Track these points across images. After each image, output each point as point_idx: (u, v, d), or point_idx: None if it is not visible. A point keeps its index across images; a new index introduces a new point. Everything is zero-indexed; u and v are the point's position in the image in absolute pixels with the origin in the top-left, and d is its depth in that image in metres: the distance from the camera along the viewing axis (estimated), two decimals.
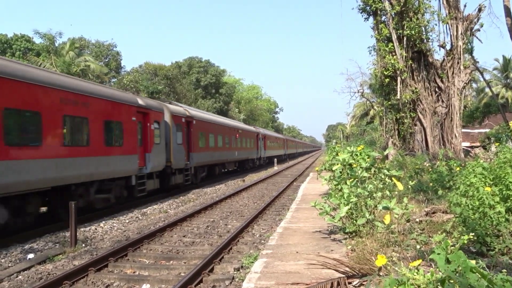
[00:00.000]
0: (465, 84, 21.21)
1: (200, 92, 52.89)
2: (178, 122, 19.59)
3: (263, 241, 9.48)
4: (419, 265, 2.99)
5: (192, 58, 58.08)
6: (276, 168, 41.31)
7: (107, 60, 50.55)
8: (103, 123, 13.29)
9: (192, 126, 21.51)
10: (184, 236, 10.46)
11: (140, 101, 16.05)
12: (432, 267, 4.12)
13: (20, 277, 7.49)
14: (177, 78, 46.15)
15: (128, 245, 8.98)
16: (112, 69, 49.71)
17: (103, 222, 12.52)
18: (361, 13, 22.76)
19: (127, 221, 13.02)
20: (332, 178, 8.46)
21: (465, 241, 3.60)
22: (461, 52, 20.58)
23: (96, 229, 11.64)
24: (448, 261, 2.73)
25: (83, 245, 9.81)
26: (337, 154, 11.94)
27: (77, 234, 9.84)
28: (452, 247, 2.90)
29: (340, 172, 8.48)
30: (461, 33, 20.52)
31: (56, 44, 37.18)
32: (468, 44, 20.99)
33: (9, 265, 8.22)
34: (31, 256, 8.76)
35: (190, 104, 46.96)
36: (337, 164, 8.56)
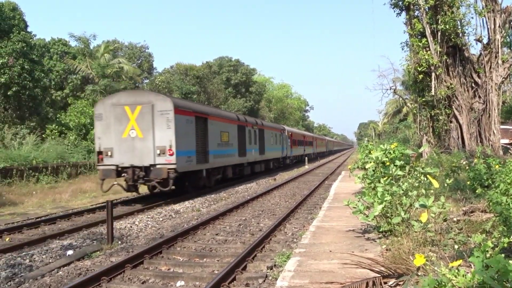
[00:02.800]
0: (503, 79, 20.48)
1: (230, 91, 53.21)
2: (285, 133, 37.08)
3: (295, 239, 9.44)
4: (459, 265, 2.90)
5: (222, 57, 58.52)
6: (307, 166, 41.05)
7: (139, 61, 51.60)
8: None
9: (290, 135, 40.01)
10: (216, 234, 10.53)
11: (281, 126, 35.41)
12: (472, 268, 3.99)
13: (60, 272, 7.76)
14: (207, 78, 46.63)
15: (163, 243, 9.14)
16: (145, 70, 50.70)
17: (138, 219, 12.79)
18: (393, 8, 22.32)
19: (161, 219, 13.24)
20: (365, 176, 8.33)
21: (506, 244, 3.48)
22: (499, 46, 19.87)
23: (131, 226, 11.90)
24: (487, 266, 2.63)
25: (119, 242, 10.05)
26: (369, 152, 11.76)
27: (113, 231, 10.10)
28: (492, 250, 2.80)
29: (373, 170, 8.34)
30: (499, 26, 19.78)
31: (91, 47, 38.29)
32: (507, 37, 20.27)
33: (50, 261, 8.53)
34: (70, 252, 9.05)
35: (221, 104, 47.33)
36: (370, 162, 8.42)
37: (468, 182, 10.19)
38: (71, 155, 25.31)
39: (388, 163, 7.64)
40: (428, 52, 20.43)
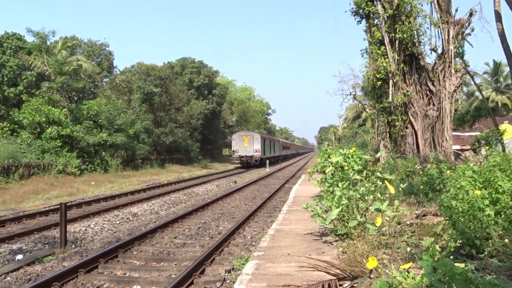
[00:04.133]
0: (456, 88, 21.36)
1: (193, 93, 52.70)
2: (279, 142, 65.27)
3: (254, 243, 9.47)
4: (409, 267, 2.99)
5: (185, 58, 57.88)
6: (268, 170, 41.29)
7: (99, 59, 50.10)
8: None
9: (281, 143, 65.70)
10: (175, 238, 10.41)
11: (277, 138, 68.77)
12: (422, 270, 4.13)
13: (8, 278, 7.40)
14: (170, 79, 45.92)
15: (119, 246, 8.92)
16: (104, 69, 49.32)
17: (93, 223, 12.42)
18: (354, 16, 22.85)
19: (118, 222, 12.93)
20: (324, 180, 8.47)
21: (452, 249, 3.61)
22: (452, 56, 20.73)
23: (86, 230, 11.54)
24: (435, 269, 2.73)
25: (73, 246, 9.72)
26: (329, 156, 11.96)
27: (67, 235, 9.75)
28: (440, 253, 2.90)
29: (332, 174, 8.49)
30: (453, 37, 20.68)
31: (48, 43, 36.85)
32: (459, 48, 21.17)
33: None
34: (19, 257, 8.65)
35: (183, 105, 46.76)
36: (329, 166, 8.57)
37: (422, 187, 10.54)
38: (23, 154, 24.20)
39: (346, 168, 7.81)
40: (386, 59, 21.06)
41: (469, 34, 21.25)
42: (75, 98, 42.10)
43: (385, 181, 6.82)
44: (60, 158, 25.60)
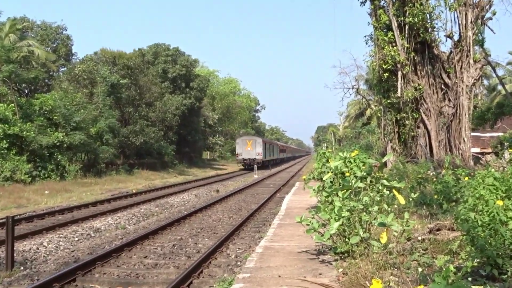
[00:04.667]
0: (475, 81, 21.61)
1: (168, 86, 52.48)
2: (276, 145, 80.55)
3: (239, 263, 9.46)
4: None
5: (158, 45, 57.63)
6: (256, 176, 41.34)
7: (55, 45, 49.64)
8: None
9: (278, 146, 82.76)
10: (145, 257, 10.35)
11: (275, 142, 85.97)
12: None
13: None
14: (140, 69, 45.69)
15: (77, 268, 8.83)
16: (61, 56, 48.89)
17: (47, 240, 12.29)
18: None
19: (77, 239, 12.83)
20: (321, 189, 8.49)
21: (470, 269, 3.64)
22: (471, 44, 20.97)
23: (38, 248, 11.41)
24: None
25: (22, 268, 9.60)
26: (327, 161, 12.01)
27: (15, 254, 9.62)
28: (456, 274, 2.92)
29: (331, 182, 8.52)
30: (471, 22, 20.92)
31: None
32: (479, 34, 21.44)
33: None
34: None
35: (155, 100, 46.54)
36: (328, 172, 8.60)
37: (435, 196, 10.64)
38: None
39: (348, 174, 7.84)
40: (395, 47, 21.25)
41: (490, 19, 21.57)
42: (26, 91, 41.63)
43: (393, 190, 6.86)
44: (7, 162, 25.28)
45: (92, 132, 33.58)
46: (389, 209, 7.01)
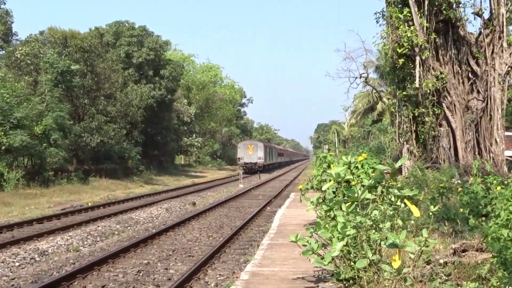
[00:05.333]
0: (509, 69, 21.70)
1: (132, 74, 52.21)
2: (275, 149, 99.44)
3: None
4: None
5: (120, 22, 57.30)
6: (241, 186, 41.34)
7: None
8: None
9: (277, 150, 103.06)
10: (103, 287, 10.30)
11: (274, 146, 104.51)
12: None
13: None
14: (97, 52, 45.44)
15: None
16: None
17: None
18: None
19: (17, 264, 12.73)
20: (321, 201, 8.51)
21: None
22: (505, 23, 21.07)
23: None
24: None
25: None
26: (329, 167, 12.05)
27: None
28: None
29: (333, 192, 8.55)
30: None
31: None
32: None
33: None
34: None
35: (116, 90, 46.28)
36: (329, 181, 8.62)
37: (461, 210, 10.72)
38: None
39: (353, 183, 7.86)
40: (412, 27, 21.35)
41: None
42: None
43: (407, 202, 6.89)
44: None
45: (37, 131, 33.30)
46: (405, 225, 7.04)
